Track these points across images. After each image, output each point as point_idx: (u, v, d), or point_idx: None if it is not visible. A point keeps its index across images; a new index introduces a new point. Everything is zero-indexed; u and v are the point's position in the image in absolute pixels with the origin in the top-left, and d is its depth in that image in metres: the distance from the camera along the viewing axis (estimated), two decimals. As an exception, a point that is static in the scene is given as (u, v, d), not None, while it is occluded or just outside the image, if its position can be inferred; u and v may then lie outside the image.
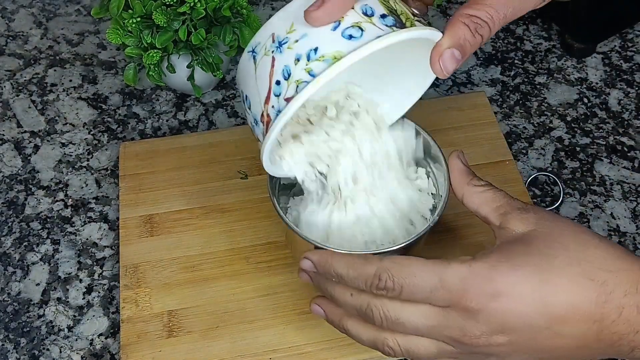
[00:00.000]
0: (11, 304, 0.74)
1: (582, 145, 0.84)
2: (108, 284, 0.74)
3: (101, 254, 0.77)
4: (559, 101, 0.88)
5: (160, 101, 0.89)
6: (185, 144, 0.82)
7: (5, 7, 1.00)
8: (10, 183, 0.82)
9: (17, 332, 0.72)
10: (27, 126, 0.87)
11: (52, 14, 0.99)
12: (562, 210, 0.79)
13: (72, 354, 0.70)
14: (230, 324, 0.69)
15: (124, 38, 0.78)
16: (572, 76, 0.90)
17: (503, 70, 0.91)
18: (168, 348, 0.68)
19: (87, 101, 0.90)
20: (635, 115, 0.86)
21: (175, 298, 0.71)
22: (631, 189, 0.80)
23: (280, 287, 0.71)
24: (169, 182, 0.79)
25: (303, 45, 0.52)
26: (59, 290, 0.74)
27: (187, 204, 0.77)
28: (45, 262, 0.76)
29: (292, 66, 0.52)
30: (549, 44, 0.94)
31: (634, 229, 0.77)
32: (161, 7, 0.76)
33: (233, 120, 0.87)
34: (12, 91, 0.91)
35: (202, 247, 0.74)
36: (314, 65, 0.51)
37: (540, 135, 0.85)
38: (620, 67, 0.91)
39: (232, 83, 0.90)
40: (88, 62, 0.94)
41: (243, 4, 0.79)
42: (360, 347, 0.67)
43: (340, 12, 0.51)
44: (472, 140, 0.81)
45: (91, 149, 0.85)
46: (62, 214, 0.80)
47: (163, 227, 0.75)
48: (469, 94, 0.87)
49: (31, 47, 0.95)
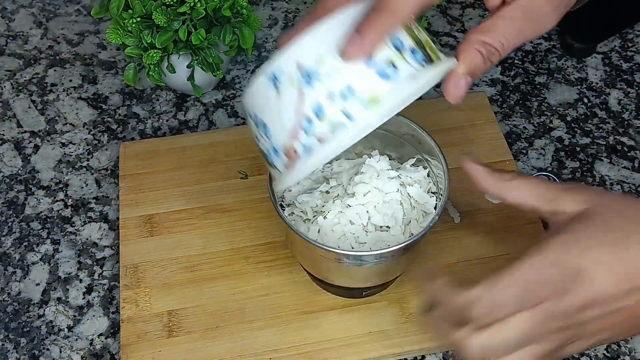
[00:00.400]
0: (11, 304, 0.74)
1: (582, 145, 0.84)
2: (108, 284, 0.74)
3: (101, 254, 0.77)
4: (559, 101, 0.88)
5: (160, 101, 0.89)
6: (185, 144, 0.82)
7: (5, 7, 1.00)
8: (10, 183, 0.82)
9: (17, 332, 0.72)
10: (27, 126, 0.87)
11: (52, 14, 0.99)
12: (562, 210, 0.79)
13: (72, 354, 0.70)
14: (230, 324, 0.69)
15: (124, 38, 0.78)
16: (572, 76, 0.90)
17: (503, 70, 0.91)
18: (168, 348, 0.68)
19: (87, 101, 0.90)
20: (635, 115, 0.86)
21: (175, 298, 0.71)
22: (631, 189, 0.80)
23: (280, 287, 0.71)
24: (169, 182, 0.79)
25: (336, 82, 0.49)
26: (59, 290, 0.74)
27: (187, 204, 0.77)
28: (45, 262, 0.76)
29: (325, 104, 0.50)
30: (549, 44, 0.94)
31: (634, 229, 0.77)
32: (161, 7, 0.76)
33: (233, 120, 0.87)
34: (12, 91, 0.91)
35: (202, 247, 0.74)
36: (350, 107, 0.49)
37: (540, 135, 0.85)
38: (620, 67, 0.91)
39: (232, 83, 0.90)
40: (88, 62, 0.94)
41: (243, 4, 0.79)
42: (360, 347, 0.68)
43: (375, 47, 0.50)
44: (472, 140, 0.81)
45: (91, 149, 0.85)
46: (62, 214, 0.80)
47: (163, 227, 0.75)
48: (469, 94, 0.87)
49: (31, 47, 0.95)
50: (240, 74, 0.91)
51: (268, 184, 0.65)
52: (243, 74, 0.91)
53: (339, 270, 0.65)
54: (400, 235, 0.67)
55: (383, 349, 0.68)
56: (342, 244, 0.66)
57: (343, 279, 0.67)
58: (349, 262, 0.63)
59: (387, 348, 0.68)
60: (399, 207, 0.67)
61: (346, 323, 0.69)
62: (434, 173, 0.69)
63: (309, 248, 0.64)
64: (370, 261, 0.63)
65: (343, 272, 0.65)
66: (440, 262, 0.73)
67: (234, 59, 0.93)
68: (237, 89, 0.90)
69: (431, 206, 0.68)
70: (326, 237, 0.66)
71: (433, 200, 0.68)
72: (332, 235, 0.66)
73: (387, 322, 0.69)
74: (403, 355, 0.69)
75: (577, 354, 0.69)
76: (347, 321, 0.69)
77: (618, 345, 0.70)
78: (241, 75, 0.91)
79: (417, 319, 0.69)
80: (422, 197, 0.68)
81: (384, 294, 0.71)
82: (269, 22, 0.97)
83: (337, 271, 0.65)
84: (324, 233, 0.66)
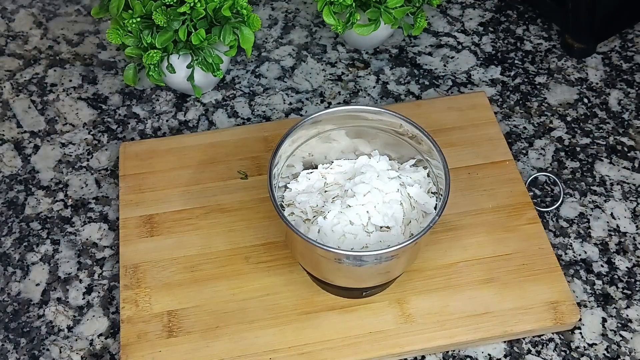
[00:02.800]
0: (11, 304, 0.73)
1: (582, 145, 0.84)
2: (108, 284, 0.74)
3: (101, 254, 0.77)
4: (559, 101, 0.88)
5: (160, 101, 0.89)
6: (185, 144, 0.82)
7: (5, 7, 1.00)
8: (10, 183, 0.82)
9: (17, 332, 0.72)
10: (27, 126, 0.87)
11: (52, 14, 0.99)
12: (562, 210, 0.79)
13: (72, 354, 0.70)
14: (230, 324, 0.69)
15: (124, 38, 0.78)
16: (572, 76, 0.90)
17: (503, 70, 0.91)
18: (168, 348, 0.68)
19: (87, 101, 0.90)
20: (635, 116, 0.86)
21: (175, 298, 0.71)
22: (631, 189, 0.80)
23: (280, 287, 0.71)
24: (169, 182, 0.79)
25: None
26: (59, 290, 0.74)
27: (187, 204, 0.77)
28: (45, 262, 0.76)
29: None
30: (549, 44, 0.94)
31: (634, 229, 0.77)
32: (161, 7, 0.76)
33: (233, 120, 0.87)
34: (12, 91, 0.91)
35: (202, 247, 0.74)
36: None
37: (540, 135, 0.85)
38: (620, 67, 0.91)
39: (232, 83, 0.90)
40: (88, 62, 0.94)
41: (243, 4, 0.79)
42: (360, 347, 0.68)
43: None
44: (472, 140, 0.81)
45: (91, 149, 0.85)
46: (62, 214, 0.80)
47: (163, 227, 0.75)
48: (469, 94, 0.87)
49: (31, 47, 0.95)
50: (240, 74, 0.91)
51: (268, 183, 0.65)
52: (243, 74, 0.91)
53: (339, 271, 0.65)
54: (400, 235, 0.67)
55: (383, 349, 0.68)
56: (342, 244, 0.66)
57: (343, 279, 0.67)
58: (349, 262, 0.63)
59: (387, 348, 0.68)
60: (399, 207, 0.67)
61: (346, 323, 0.69)
62: (434, 173, 0.69)
63: (308, 248, 0.64)
64: (370, 261, 0.63)
65: (343, 272, 0.65)
66: (440, 262, 0.73)
67: (234, 59, 0.92)
68: (237, 89, 0.90)
69: (431, 206, 0.68)
70: (326, 238, 0.66)
71: (433, 201, 0.68)
72: (332, 236, 0.66)
73: (387, 322, 0.69)
74: (403, 355, 0.69)
75: (577, 352, 0.69)
76: (347, 321, 0.69)
77: (618, 345, 0.70)
78: (241, 75, 0.91)
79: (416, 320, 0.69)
80: (422, 197, 0.68)
81: (384, 294, 0.71)
82: (269, 22, 0.97)
83: (337, 271, 0.65)
84: (324, 233, 0.66)
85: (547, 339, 0.70)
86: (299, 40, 0.95)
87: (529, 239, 0.74)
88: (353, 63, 0.92)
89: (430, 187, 0.69)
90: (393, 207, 0.67)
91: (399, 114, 0.69)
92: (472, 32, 0.95)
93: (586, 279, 0.74)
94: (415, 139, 0.69)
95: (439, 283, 0.71)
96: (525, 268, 0.72)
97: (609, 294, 0.73)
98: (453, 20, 0.96)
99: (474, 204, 0.76)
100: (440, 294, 0.71)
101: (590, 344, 0.70)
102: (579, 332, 0.71)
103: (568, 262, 0.75)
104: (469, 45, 0.94)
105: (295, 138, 0.69)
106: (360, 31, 0.83)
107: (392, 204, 0.67)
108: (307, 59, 0.93)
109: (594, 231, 0.77)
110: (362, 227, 0.67)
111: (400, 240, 0.65)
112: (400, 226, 0.67)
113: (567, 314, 0.69)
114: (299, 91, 0.89)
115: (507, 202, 0.77)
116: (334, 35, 0.95)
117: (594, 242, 0.77)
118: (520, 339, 0.70)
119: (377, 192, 0.67)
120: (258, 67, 0.92)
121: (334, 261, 0.63)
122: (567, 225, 0.78)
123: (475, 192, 0.77)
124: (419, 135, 0.68)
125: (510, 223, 0.75)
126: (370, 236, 0.67)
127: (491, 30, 0.95)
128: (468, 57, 0.92)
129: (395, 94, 0.89)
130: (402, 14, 0.82)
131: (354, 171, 0.71)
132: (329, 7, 0.82)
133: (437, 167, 0.67)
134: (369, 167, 0.69)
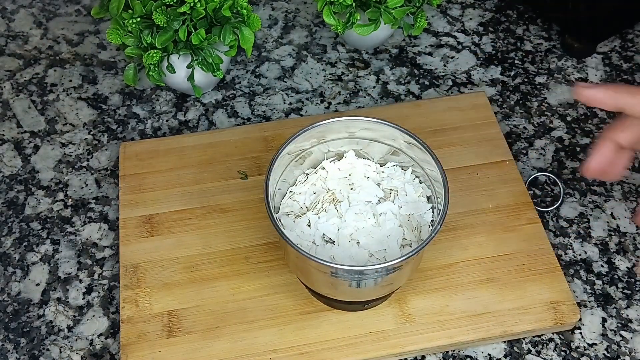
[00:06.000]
0: (11, 304, 0.73)
1: (582, 145, 0.84)
2: (108, 284, 0.74)
3: (101, 254, 0.77)
4: (559, 101, 0.88)
5: (160, 101, 0.89)
6: (185, 144, 0.82)
7: (5, 7, 1.00)
8: (10, 183, 0.82)
9: (17, 332, 0.72)
10: (27, 126, 0.87)
11: (52, 14, 0.99)
12: (563, 210, 0.79)
13: (72, 354, 0.70)
14: (230, 324, 0.69)
15: (124, 38, 0.78)
16: (572, 76, 0.90)
17: (503, 70, 0.91)
18: (168, 348, 0.68)
19: (87, 101, 0.90)
20: (635, 115, 0.86)
21: (175, 298, 0.71)
22: (631, 189, 0.80)
23: (280, 287, 0.71)
24: (169, 182, 0.79)
25: None
26: (59, 290, 0.74)
27: (187, 204, 0.77)
28: (45, 262, 0.76)
29: None
30: (549, 44, 0.94)
31: (634, 229, 0.77)
32: (161, 7, 0.76)
33: (233, 120, 0.87)
34: (12, 91, 0.91)
35: (202, 247, 0.74)
36: None
37: (540, 135, 0.85)
38: (620, 67, 0.91)
39: (232, 83, 0.90)
40: (88, 62, 0.94)
41: (243, 4, 0.79)
42: (360, 347, 0.68)
43: None
44: (472, 140, 0.81)
45: (91, 149, 0.85)
46: (62, 214, 0.80)
47: (163, 227, 0.75)
48: (469, 94, 0.87)
49: (31, 47, 0.95)
50: (240, 74, 0.91)
51: (265, 193, 0.64)
52: (243, 74, 0.91)
53: (342, 285, 0.64)
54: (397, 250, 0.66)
55: (383, 349, 0.68)
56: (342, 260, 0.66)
57: (344, 295, 0.66)
58: (348, 278, 0.62)
59: (387, 348, 0.68)
60: (395, 228, 0.67)
61: (346, 323, 0.69)
62: (429, 177, 0.68)
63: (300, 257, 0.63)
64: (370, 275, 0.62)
65: (345, 287, 0.64)
66: (440, 262, 0.73)
67: (234, 59, 0.93)
68: (237, 89, 0.90)
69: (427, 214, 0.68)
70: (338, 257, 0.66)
71: (428, 206, 0.68)
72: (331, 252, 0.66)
73: (387, 322, 0.69)
74: (403, 355, 0.69)
75: (577, 352, 0.69)
76: (347, 321, 0.69)
77: (618, 345, 0.70)
78: (241, 75, 0.91)
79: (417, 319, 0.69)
80: (418, 208, 0.68)
81: (384, 294, 0.71)
82: (269, 22, 0.97)
83: (340, 286, 0.64)
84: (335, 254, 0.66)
85: (547, 339, 0.70)
86: (299, 40, 0.95)
87: (529, 239, 0.74)
88: (353, 63, 0.92)
89: (422, 192, 0.69)
90: (387, 228, 0.67)
91: (394, 124, 0.67)
92: (472, 32, 0.95)
93: (586, 279, 0.74)
94: (410, 146, 0.68)
95: (438, 283, 0.71)
96: (525, 268, 0.72)
97: (609, 294, 0.73)
98: (453, 20, 0.96)
99: (474, 204, 0.76)
100: (440, 294, 0.71)
101: (590, 344, 0.70)
102: (579, 332, 0.71)
103: (568, 262, 0.75)
104: (469, 45, 0.94)
105: (290, 149, 0.68)
106: (360, 31, 0.83)
107: (387, 224, 0.67)
108: (307, 59, 0.93)
109: (594, 231, 0.77)
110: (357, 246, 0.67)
111: (398, 255, 0.64)
112: (397, 247, 0.67)
113: (567, 314, 0.69)
114: (299, 91, 0.89)
115: (507, 202, 0.77)
116: (334, 35, 0.95)
117: (594, 242, 0.77)
118: (520, 339, 0.70)
119: (372, 216, 0.67)
120: (258, 67, 0.92)
121: (329, 275, 0.62)
122: (567, 225, 0.78)
123: (475, 192, 0.77)
124: (413, 142, 0.67)
125: (510, 223, 0.75)
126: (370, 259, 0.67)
127: (491, 30, 0.95)
128: (468, 57, 0.92)
129: (395, 94, 0.89)
130: (402, 14, 0.82)
131: (347, 186, 0.70)
132: (329, 7, 0.82)
133: (435, 179, 0.67)
134: (360, 182, 0.69)
